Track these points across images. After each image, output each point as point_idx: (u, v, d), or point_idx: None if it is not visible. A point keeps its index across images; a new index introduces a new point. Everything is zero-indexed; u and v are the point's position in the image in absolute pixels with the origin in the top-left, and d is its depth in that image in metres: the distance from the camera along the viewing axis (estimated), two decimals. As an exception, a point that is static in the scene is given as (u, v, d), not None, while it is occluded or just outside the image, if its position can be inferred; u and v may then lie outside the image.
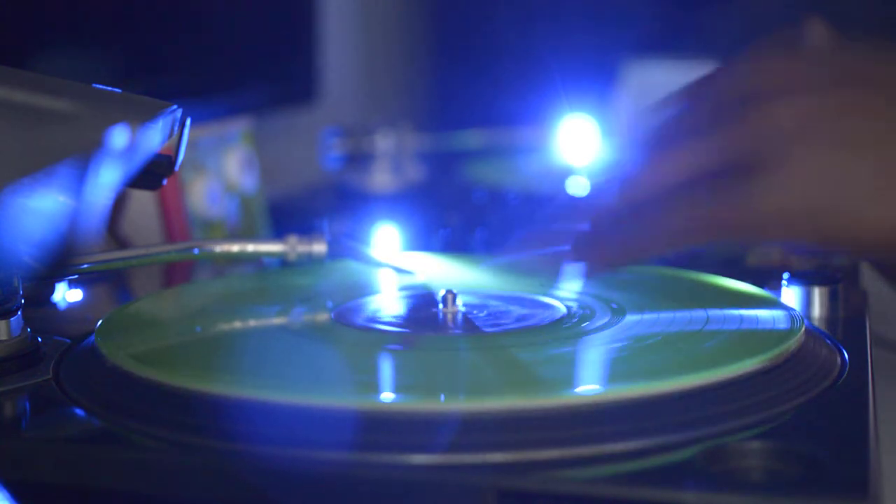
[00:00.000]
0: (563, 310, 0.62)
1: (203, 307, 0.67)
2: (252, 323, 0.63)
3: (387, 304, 0.66)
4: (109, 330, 0.58)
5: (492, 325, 0.60)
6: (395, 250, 0.72)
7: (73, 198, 0.40)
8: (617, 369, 0.54)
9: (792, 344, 0.53)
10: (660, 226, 0.48)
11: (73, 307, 0.70)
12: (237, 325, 0.62)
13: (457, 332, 0.60)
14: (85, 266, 0.63)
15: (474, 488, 0.42)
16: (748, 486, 0.42)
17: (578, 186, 1.08)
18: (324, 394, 0.47)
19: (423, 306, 0.64)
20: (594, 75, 1.49)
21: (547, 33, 1.69)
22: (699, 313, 0.59)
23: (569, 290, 0.67)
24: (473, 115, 1.51)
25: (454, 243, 0.89)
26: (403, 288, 0.69)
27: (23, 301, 0.57)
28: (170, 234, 0.90)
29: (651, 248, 0.49)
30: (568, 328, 0.59)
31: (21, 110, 0.45)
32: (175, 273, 0.83)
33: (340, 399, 0.47)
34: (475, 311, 0.62)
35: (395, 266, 0.70)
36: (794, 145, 0.45)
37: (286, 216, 1.04)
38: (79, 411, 0.51)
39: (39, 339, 0.58)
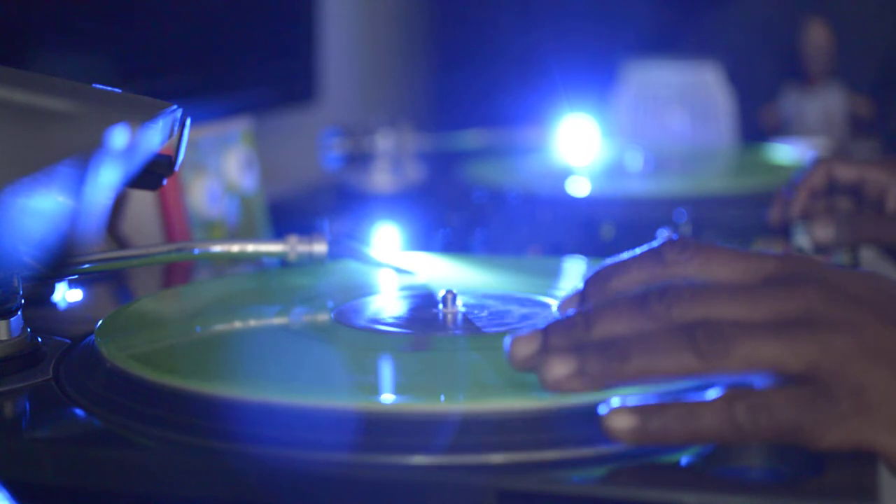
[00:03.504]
0: (563, 310, 0.62)
1: (203, 307, 0.67)
2: (252, 323, 0.63)
3: (387, 304, 0.66)
4: (109, 330, 0.58)
5: (492, 326, 0.60)
6: (395, 250, 0.72)
7: (73, 198, 0.40)
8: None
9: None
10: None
11: (73, 307, 0.70)
12: (237, 325, 0.62)
13: (457, 332, 0.60)
14: (85, 266, 0.63)
15: (474, 488, 0.42)
16: (748, 486, 0.42)
17: (578, 186, 1.08)
18: (324, 395, 0.47)
19: (423, 306, 0.64)
20: (594, 75, 1.49)
21: (547, 33, 1.69)
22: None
23: (569, 290, 0.67)
24: (473, 115, 1.51)
25: (454, 243, 0.89)
26: (403, 288, 0.69)
27: (23, 301, 0.57)
28: (170, 234, 0.90)
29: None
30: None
31: (21, 110, 0.45)
32: (175, 273, 0.83)
33: (340, 400, 0.47)
34: (475, 312, 0.62)
35: (395, 266, 0.70)
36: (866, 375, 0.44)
37: (286, 216, 1.04)
38: (79, 411, 0.51)
39: (39, 339, 0.58)
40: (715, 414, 0.43)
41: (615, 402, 0.43)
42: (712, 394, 0.43)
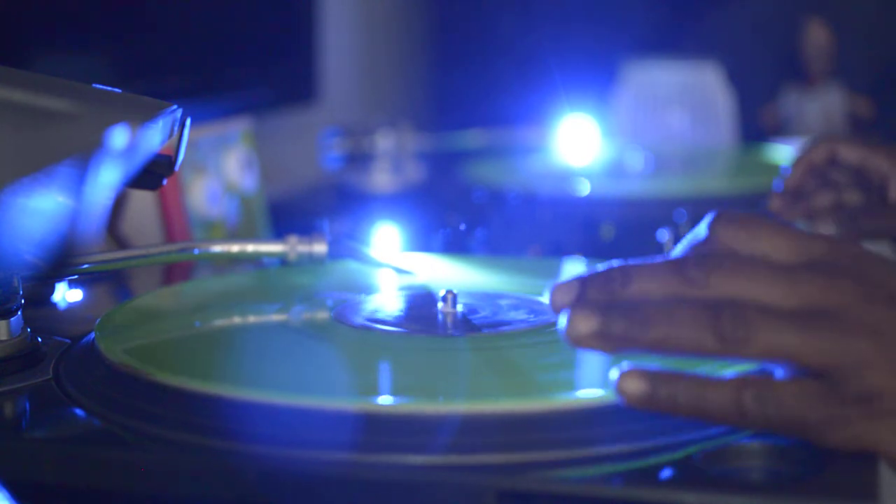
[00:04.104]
0: (563, 310, 0.62)
1: (203, 306, 0.67)
2: (252, 322, 0.63)
3: (387, 303, 0.66)
4: (109, 327, 0.58)
5: (491, 326, 0.60)
6: (395, 250, 0.72)
7: (73, 198, 0.40)
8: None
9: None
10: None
11: (73, 307, 0.70)
12: (237, 323, 0.62)
13: (456, 332, 0.60)
14: (85, 266, 0.63)
15: (474, 488, 0.42)
16: (748, 486, 0.42)
17: (579, 186, 1.08)
18: (325, 396, 0.47)
19: (423, 306, 0.64)
20: (594, 75, 1.49)
21: (547, 33, 1.69)
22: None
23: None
24: (473, 115, 1.51)
25: (454, 243, 0.89)
26: (403, 288, 0.69)
27: (23, 301, 0.57)
28: (170, 234, 0.90)
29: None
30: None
31: (21, 110, 0.45)
32: (175, 273, 0.83)
33: (340, 400, 0.47)
34: (475, 312, 0.62)
35: (395, 266, 0.70)
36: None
37: (286, 216, 1.04)
38: (79, 411, 0.51)
39: (39, 339, 0.58)
40: (723, 394, 0.43)
41: (625, 365, 0.43)
42: (727, 374, 0.43)
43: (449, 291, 0.62)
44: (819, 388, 0.42)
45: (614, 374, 0.43)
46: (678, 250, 0.47)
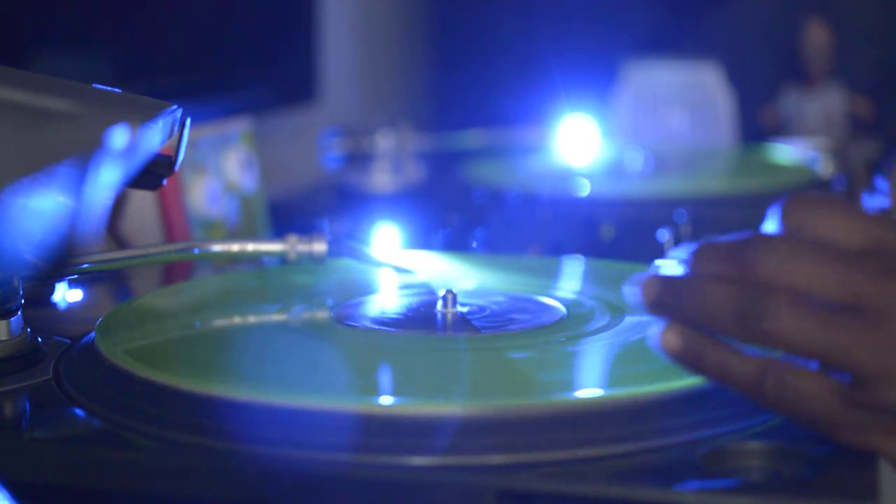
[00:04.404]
0: (563, 311, 0.62)
1: (203, 306, 0.67)
2: (252, 322, 0.63)
3: (386, 303, 0.66)
4: (109, 328, 0.58)
5: (491, 326, 0.60)
6: (395, 250, 0.72)
7: (73, 198, 0.40)
8: (616, 371, 0.54)
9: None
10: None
11: (73, 307, 0.70)
12: (237, 323, 0.62)
13: (456, 332, 0.60)
14: (85, 266, 0.63)
15: (474, 488, 0.42)
16: (748, 486, 0.42)
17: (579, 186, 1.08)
18: (324, 396, 0.47)
19: (423, 306, 0.64)
20: (594, 75, 1.49)
21: (547, 33, 1.69)
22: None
23: (569, 290, 0.67)
24: (473, 115, 1.51)
25: (454, 243, 0.89)
26: (403, 288, 0.69)
27: (23, 301, 0.57)
28: (170, 234, 0.90)
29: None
30: (567, 330, 0.59)
31: (21, 110, 0.45)
32: (175, 273, 0.83)
33: (341, 401, 0.47)
34: (475, 312, 0.62)
35: (395, 266, 0.70)
36: None
37: (286, 216, 1.04)
38: (79, 411, 0.51)
39: (39, 339, 0.58)
40: (746, 371, 0.43)
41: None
42: (756, 350, 0.43)
43: (449, 291, 0.62)
44: (841, 388, 0.42)
45: (654, 329, 0.45)
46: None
